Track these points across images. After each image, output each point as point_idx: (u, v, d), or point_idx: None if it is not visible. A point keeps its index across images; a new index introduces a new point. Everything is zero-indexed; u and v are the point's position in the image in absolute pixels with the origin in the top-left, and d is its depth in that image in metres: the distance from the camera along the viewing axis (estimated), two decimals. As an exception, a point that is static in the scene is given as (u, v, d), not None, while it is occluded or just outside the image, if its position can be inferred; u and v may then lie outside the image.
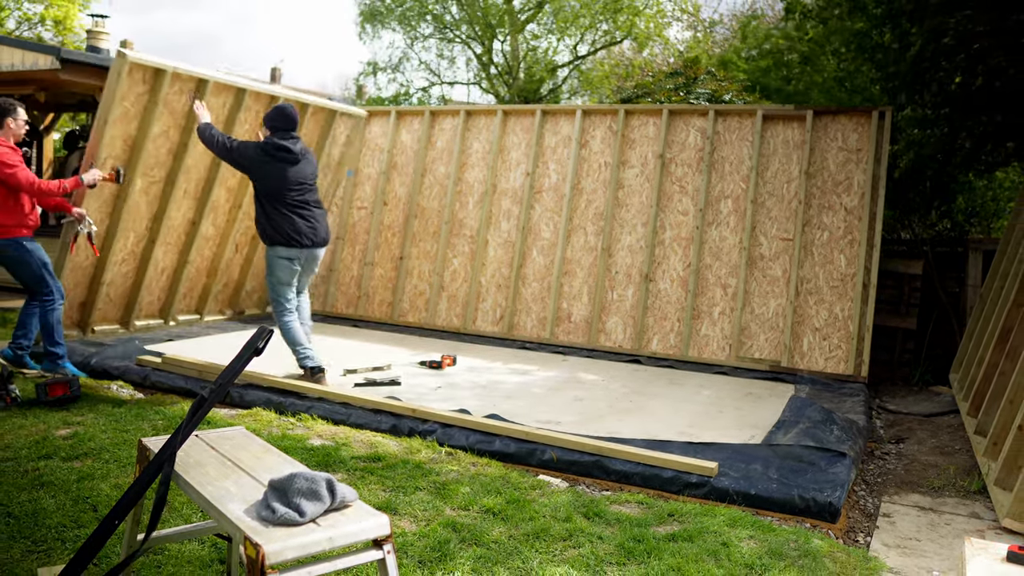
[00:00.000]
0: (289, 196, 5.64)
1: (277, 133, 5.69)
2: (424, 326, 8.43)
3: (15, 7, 20.71)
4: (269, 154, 5.59)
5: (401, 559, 3.17)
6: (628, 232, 7.91)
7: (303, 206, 5.71)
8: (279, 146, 5.61)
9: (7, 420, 4.78)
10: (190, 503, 3.61)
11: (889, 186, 7.32)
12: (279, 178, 5.62)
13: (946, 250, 7.95)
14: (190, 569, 3.05)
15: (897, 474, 4.84)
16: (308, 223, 5.70)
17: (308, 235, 5.69)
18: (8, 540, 3.22)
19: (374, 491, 3.92)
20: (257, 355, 2.68)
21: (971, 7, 6.09)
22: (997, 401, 4.95)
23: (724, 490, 4.02)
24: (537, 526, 3.56)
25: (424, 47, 22.07)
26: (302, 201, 5.71)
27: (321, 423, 5.04)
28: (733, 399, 6.04)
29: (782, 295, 7.21)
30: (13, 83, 9.74)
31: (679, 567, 3.19)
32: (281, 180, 5.62)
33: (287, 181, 5.64)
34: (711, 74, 11.48)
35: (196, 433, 2.87)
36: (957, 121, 7.19)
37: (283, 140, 5.64)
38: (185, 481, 2.50)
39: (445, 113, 9.16)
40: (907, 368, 7.61)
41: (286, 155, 5.62)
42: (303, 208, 5.71)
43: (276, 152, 5.60)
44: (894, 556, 3.56)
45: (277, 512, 2.19)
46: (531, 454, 4.48)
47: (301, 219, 5.67)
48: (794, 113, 7.54)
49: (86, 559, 2.39)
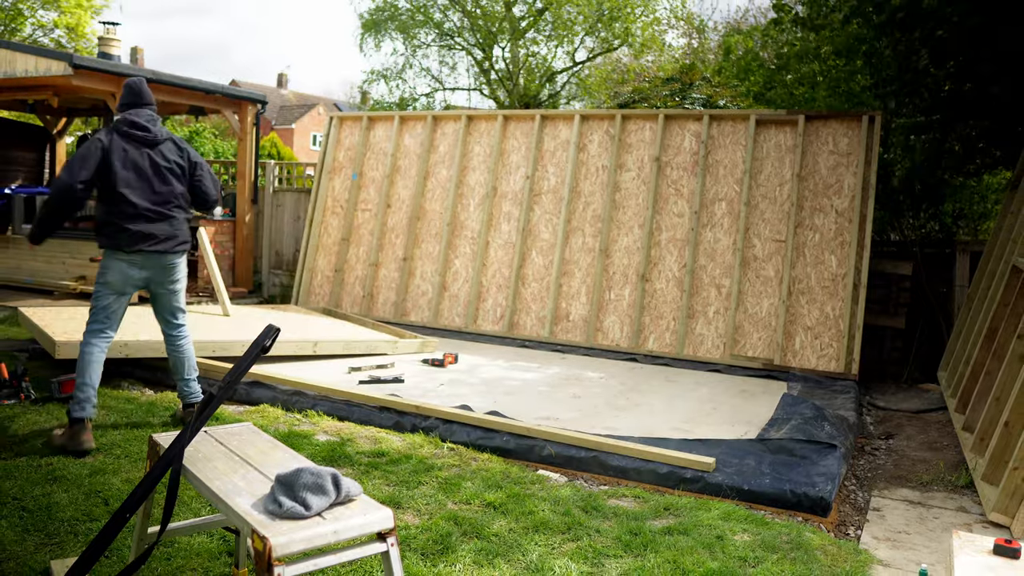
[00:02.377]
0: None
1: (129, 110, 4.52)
2: (427, 325, 8.43)
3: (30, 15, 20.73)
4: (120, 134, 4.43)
5: (404, 552, 3.17)
6: (625, 233, 7.91)
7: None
8: (131, 122, 4.46)
9: (22, 416, 4.78)
10: (199, 497, 3.62)
11: (879, 188, 7.32)
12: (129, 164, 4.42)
13: (934, 251, 7.94)
14: (199, 561, 3.05)
15: (887, 469, 4.84)
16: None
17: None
18: (22, 533, 3.22)
19: (378, 486, 3.92)
20: (264, 353, 2.68)
21: (961, 14, 6.09)
22: (984, 398, 4.95)
23: (718, 485, 4.02)
24: (537, 520, 3.56)
25: (425, 54, 22.08)
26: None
27: (327, 419, 5.04)
28: (727, 396, 6.04)
29: (775, 295, 7.21)
30: (28, 88, 9.74)
31: (675, 559, 3.19)
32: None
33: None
34: (706, 80, 11.48)
35: (205, 429, 2.87)
36: (948, 126, 7.20)
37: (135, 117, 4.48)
38: (194, 476, 2.50)
39: (447, 118, 9.16)
40: (896, 366, 7.61)
41: (140, 133, 4.46)
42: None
43: (128, 130, 4.44)
44: (884, 549, 3.56)
45: (284, 506, 2.19)
46: (531, 450, 4.48)
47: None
48: (786, 118, 7.54)
49: (98, 552, 2.39)
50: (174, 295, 4.69)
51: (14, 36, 20.15)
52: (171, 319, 4.73)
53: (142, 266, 4.48)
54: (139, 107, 4.54)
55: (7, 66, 8.98)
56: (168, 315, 4.72)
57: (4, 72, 9.00)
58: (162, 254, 4.51)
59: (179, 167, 4.59)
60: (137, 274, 4.48)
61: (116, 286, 4.46)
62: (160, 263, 4.53)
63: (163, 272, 4.56)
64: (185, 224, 4.66)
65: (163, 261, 4.53)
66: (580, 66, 21.24)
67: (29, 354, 6.26)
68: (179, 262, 4.64)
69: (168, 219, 4.52)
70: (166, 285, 4.62)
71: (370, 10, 21.75)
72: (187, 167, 4.63)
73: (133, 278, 4.49)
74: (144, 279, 4.53)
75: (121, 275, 4.45)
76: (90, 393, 4.36)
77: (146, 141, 4.48)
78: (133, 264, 4.45)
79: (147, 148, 4.48)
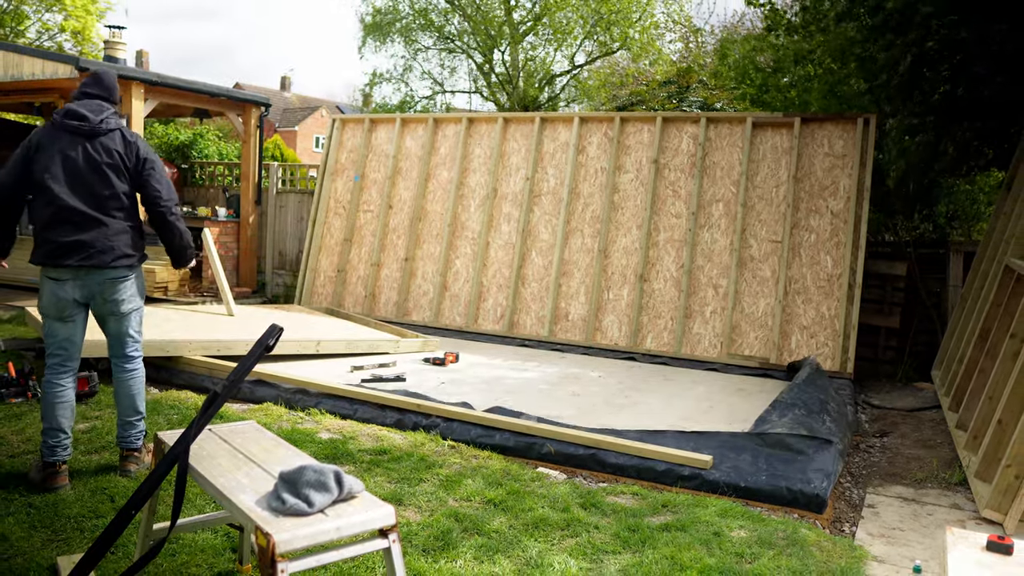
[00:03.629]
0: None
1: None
2: (428, 325, 8.43)
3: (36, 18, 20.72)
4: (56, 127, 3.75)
5: (406, 548, 3.17)
6: (624, 234, 7.91)
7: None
8: (67, 110, 3.76)
9: (29, 414, 4.78)
10: (203, 494, 3.61)
11: (874, 190, 7.32)
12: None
13: (928, 252, 7.94)
14: (203, 557, 3.05)
15: (881, 466, 4.84)
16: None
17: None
18: (29, 529, 3.22)
19: (380, 483, 3.92)
20: (268, 352, 2.69)
21: (956, 15, 6.09)
22: (977, 397, 4.95)
23: (715, 482, 4.02)
24: (536, 516, 3.56)
25: (426, 58, 22.08)
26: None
27: (329, 418, 5.04)
28: (724, 395, 6.04)
29: (771, 295, 7.21)
30: (35, 91, 9.75)
31: (673, 555, 3.19)
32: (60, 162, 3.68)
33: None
34: (703, 83, 11.48)
35: (209, 427, 2.87)
36: (941, 128, 7.20)
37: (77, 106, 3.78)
38: (199, 473, 2.50)
39: (448, 120, 9.16)
40: (891, 365, 7.61)
41: (75, 123, 3.72)
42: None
43: (64, 120, 3.73)
44: (878, 545, 3.56)
45: (287, 503, 2.19)
46: (530, 447, 4.48)
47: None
48: (782, 120, 7.55)
49: (104, 548, 2.39)
50: (120, 320, 3.82)
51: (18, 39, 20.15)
52: (118, 348, 3.89)
53: (75, 284, 3.67)
54: (87, 98, 3.81)
55: (14, 69, 8.98)
56: (115, 343, 3.89)
57: (11, 75, 9.00)
58: (98, 269, 3.67)
59: (124, 162, 3.74)
60: (69, 295, 3.67)
61: (51, 311, 3.68)
62: (95, 280, 3.69)
63: (102, 291, 3.72)
64: (129, 233, 3.78)
65: (99, 277, 3.69)
66: (579, 69, 21.24)
67: (36, 353, 6.26)
68: (122, 279, 3.76)
69: (102, 225, 3.68)
70: (107, 307, 3.76)
71: (372, 13, 21.76)
72: (134, 163, 3.77)
73: (65, 300, 3.67)
74: (83, 298, 3.71)
75: (53, 297, 3.66)
76: (60, 437, 3.68)
77: (81, 131, 3.69)
78: (62, 282, 3.65)
79: (84, 140, 3.70)
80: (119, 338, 3.88)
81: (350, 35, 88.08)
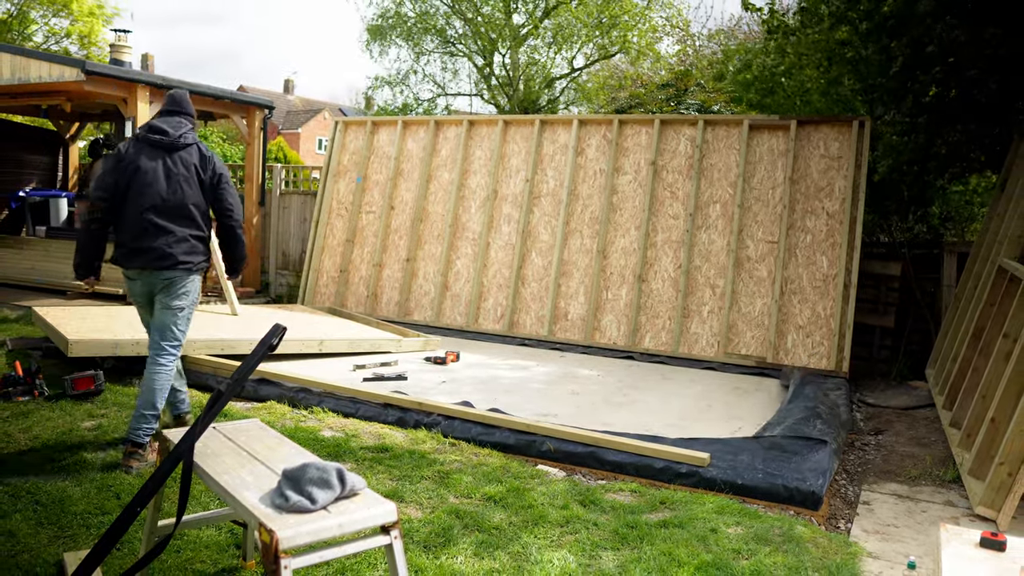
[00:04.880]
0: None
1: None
2: (429, 324, 8.43)
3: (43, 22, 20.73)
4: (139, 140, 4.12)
5: (407, 544, 3.17)
6: (622, 235, 7.91)
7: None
8: (150, 126, 4.14)
9: (35, 412, 4.78)
10: (207, 491, 3.62)
11: (869, 191, 7.32)
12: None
13: (923, 252, 7.94)
14: (208, 553, 3.05)
15: (876, 464, 4.84)
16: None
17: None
18: (36, 526, 3.22)
19: (382, 480, 3.92)
20: (271, 351, 2.69)
21: (952, 16, 6.08)
22: (971, 395, 4.95)
23: (712, 480, 4.02)
24: (536, 513, 3.56)
25: (428, 61, 22.07)
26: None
27: (332, 416, 5.04)
28: (722, 393, 6.05)
29: (767, 295, 7.21)
30: (41, 94, 9.74)
31: (670, 551, 3.19)
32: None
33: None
34: (700, 86, 11.48)
35: (213, 425, 2.87)
36: (933, 129, 7.20)
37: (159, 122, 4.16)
38: (203, 470, 2.50)
39: (449, 123, 9.16)
40: (885, 364, 7.61)
41: (157, 137, 4.09)
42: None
43: (148, 135, 4.11)
44: (873, 541, 3.56)
45: (290, 500, 2.19)
46: (530, 445, 4.48)
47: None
48: (779, 123, 7.55)
49: (110, 544, 2.39)
50: (168, 313, 4.11)
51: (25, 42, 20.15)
52: (158, 339, 4.13)
53: (141, 282, 4.09)
54: (168, 115, 4.18)
55: (21, 72, 8.98)
56: (157, 335, 4.14)
57: (18, 78, 9.00)
58: (157, 271, 4.03)
59: (199, 175, 4.11)
60: (139, 290, 4.11)
61: (135, 300, 4.20)
62: (155, 280, 4.05)
63: (160, 289, 4.08)
64: (191, 242, 4.09)
65: (157, 277, 4.04)
66: (578, 72, 21.23)
67: (43, 352, 6.26)
68: (178, 281, 4.07)
69: (168, 233, 4.01)
70: (162, 302, 4.10)
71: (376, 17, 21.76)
72: (209, 176, 4.13)
73: (135, 293, 4.14)
74: (148, 294, 4.12)
75: (130, 290, 4.15)
76: (177, 395, 4.35)
77: (162, 145, 4.07)
78: (133, 280, 4.09)
79: (164, 152, 4.06)
80: (162, 330, 4.12)
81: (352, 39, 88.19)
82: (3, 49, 9.31)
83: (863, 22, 6.86)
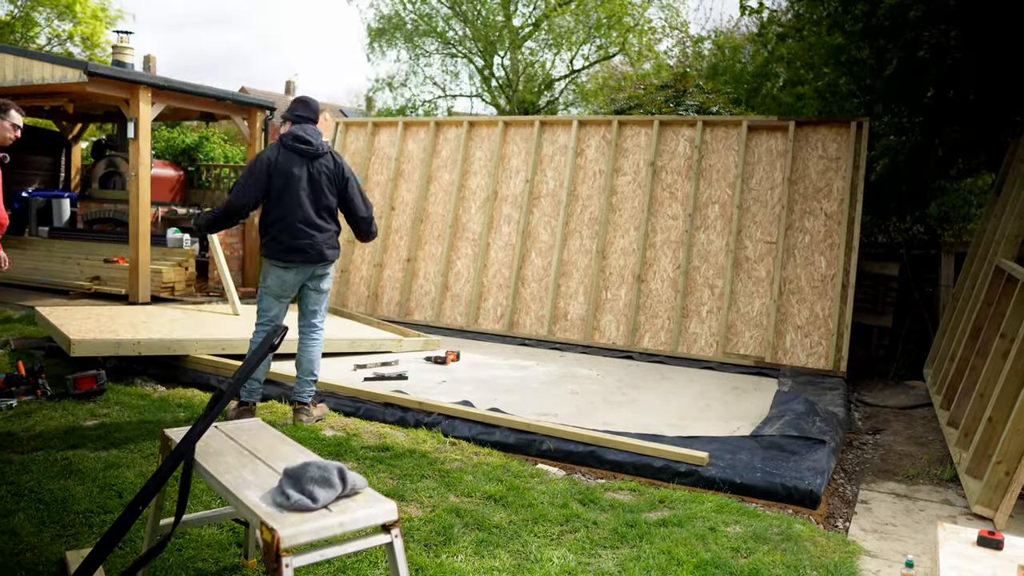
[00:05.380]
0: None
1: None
2: (430, 324, 8.43)
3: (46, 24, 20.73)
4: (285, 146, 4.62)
5: (408, 543, 3.17)
6: (621, 236, 7.91)
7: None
8: (296, 136, 4.63)
9: (38, 412, 4.78)
10: (209, 490, 3.62)
11: (867, 192, 7.32)
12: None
13: (920, 252, 7.95)
14: (210, 552, 3.05)
15: (874, 463, 4.84)
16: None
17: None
18: (39, 525, 3.22)
19: (383, 479, 3.92)
20: (273, 351, 2.69)
21: (946, 22, 6.09)
22: (968, 394, 4.95)
23: (711, 479, 4.02)
24: (536, 512, 3.56)
25: (428, 63, 22.06)
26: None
27: (333, 415, 5.04)
28: (720, 393, 6.04)
29: (766, 295, 7.21)
30: (45, 95, 9.75)
31: (669, 550, 3.19)
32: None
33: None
34: (699, 87, 11.47)
35: (215, 424, 2.87)
36: (931, 130, 7.20)
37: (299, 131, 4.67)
38: (205, 469, 2.50)
39: (449, 124, 9.16)
40: (883, 364, 7.61)
41: (303, 147, 4.61)
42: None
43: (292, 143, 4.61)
44: (871, 540, 3.56)
45: (291, 498, 2.19)
46: (530, 444, 4.48)
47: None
48: (777, 124, 7.54)
49: (112, 543, 2.39)
50: (318, 296, 4.81)
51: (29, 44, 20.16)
52: (310, 318, 4.84)
53: (296, 272, 4.63)
54: (303, 121, 4.66)
55: (24, 74, 8.98)
56: (308, 314, 4.84)
57: (21, 80, 9.00)
58: (311, 264, 4.63)
59: (335, 179, 4.65)
60: (292, 280, 4.65)
61: (275, 291, 4.67)
62: (309, 271, 4.67)
63: (312, 278, 4.72)
64: (333, 236, 4.72)
65: (310, 269, 4.67)
66: (577, 73, 21.23)
67: (45, 352, 6.26)
68: (326, 269, 4.75)
69: (319, 231, 4.60)
70: (313, 287, 4.76)
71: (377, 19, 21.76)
72: (340, 179, 4.68)
73: (288, 283, 4.65)
74: (300, 283, 4.71)
75: (279, 280, 4.64)
76: (254, 384, 4.74)
77: (308, 154, 4.57)
78: (288, 271, 4.62)
79: (308, 160, 4.58)
80: (315, 311, 4.83)
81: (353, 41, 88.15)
82: (6, 51, 9.31)
83: (858, 23, 6.87)
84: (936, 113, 7.07)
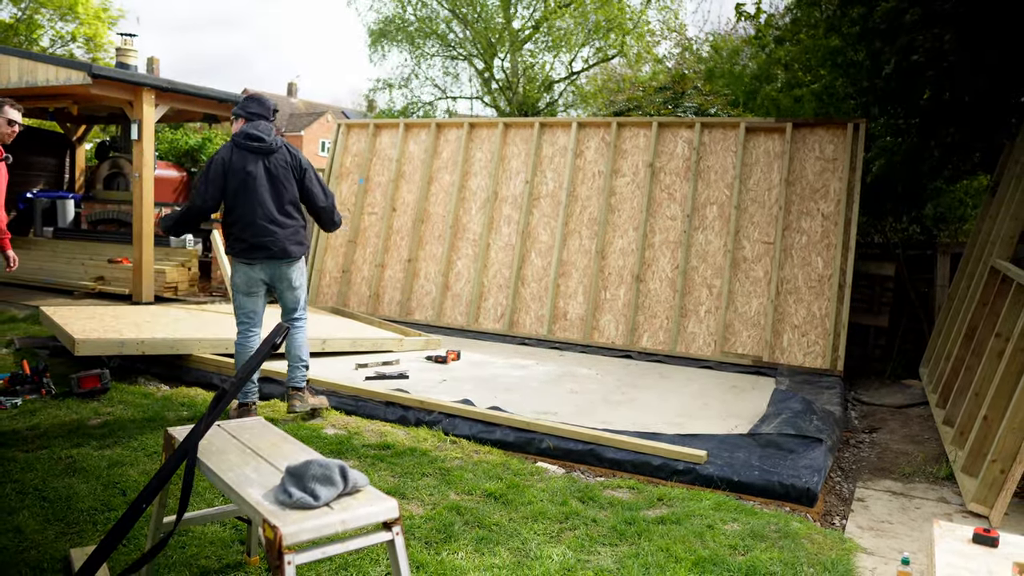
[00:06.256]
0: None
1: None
2: (431, 324, 8.43)
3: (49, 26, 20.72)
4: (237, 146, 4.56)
5: (409, 540, 3.17)
6: (620, 236, 7.91)
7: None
8: (247, 134, 4.57)
9: (43, 410, 4.78)
10: (212, 488, 3.62)
11: (863, 192, 7.32)
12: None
13: (916, 253, 7.94)
14: (212, 549, 3.05)
15: (871, 461, 4.84)
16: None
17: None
18: (43, 522, 3.22)
19: (384, 477, 3.92)
20: (274, 350, 2.69)
21: (941, 25, 6.09)
22: (964, 393, 4.95)
23: (710, 477, 4.02)
24: (535, 509, 3.56)
25: (430, 65, 22.08)
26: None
27: (335, 414, 5.04)
28: (718, 392, 6.04)
29: (764, 295, 7.21)
30: (48, 97, 9.75)
31: (667, 547, 3.19)
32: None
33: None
34: (697, 89, 11.47)
35: (218, 423, 2.88)
36: (927, 132, 7.20)
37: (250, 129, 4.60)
38: (207, 467, 2.50)
39: (450, 125, 9.16)
40: (880, 363, 7.61)
41: (256, 144, 4.55)
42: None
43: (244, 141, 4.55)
44: (868, 537, 3.56)
45: (293, 496, 2.19)
46: (529, 443, 4.48)
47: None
48: (775, 125, 7.54)
49: (116, 540, 2.39)
50: (293, 291, 4.76)
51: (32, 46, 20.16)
52: (290, 312, 4.84)
53: (262, 268, 4.59)
54: (256, 118, 4.63)
55: (29, 76, 8.98)
56: (288, 309, 4.84)
57: (25, 81, 9.00)
58: (276, 260, 4.58)
59: (293, 172, 4.61)
60: (258, 275, 4.61)
61: (242, 288, 4.64)
62: (275, 266, 4.61)
63: (280, 274, 4.65)
64: (298, 231, 4.65)
65: (277, 264, 4.61)
66: (576, 76, 21.24)
67: (50, 351, 6.27)
68: (294, 264, 4.67)
69: (281, 227, 4.55)
70: (284, 284, 4.71)
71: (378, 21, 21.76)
72: (299, 171, 4.64)
73: (254, 279, 4.61)
74: (267, 279, 4.66)
75: (245, 277, 4.59)
76: (250, 385, 4.69)
77: (261, 151, 4.53)
78: (253, 267, 4.58)
79: (263, 157, 4.54)
80: (293, 305, 4.80)
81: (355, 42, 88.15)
82: (11, 53, 9.30)
83: (855, 26, 6.87)
84: (932, 115, 7.07)
